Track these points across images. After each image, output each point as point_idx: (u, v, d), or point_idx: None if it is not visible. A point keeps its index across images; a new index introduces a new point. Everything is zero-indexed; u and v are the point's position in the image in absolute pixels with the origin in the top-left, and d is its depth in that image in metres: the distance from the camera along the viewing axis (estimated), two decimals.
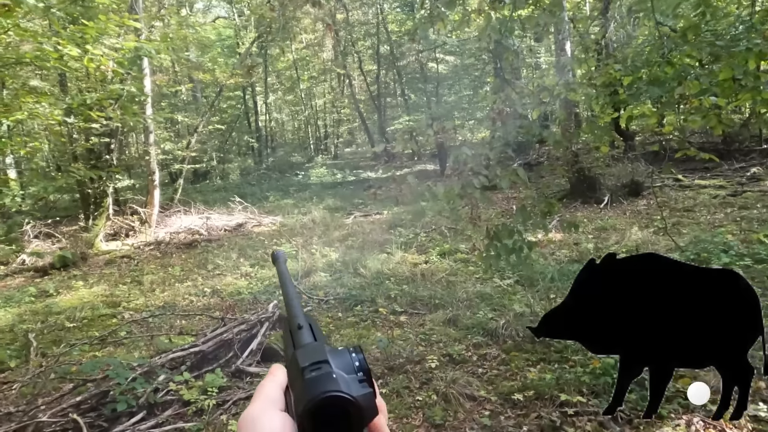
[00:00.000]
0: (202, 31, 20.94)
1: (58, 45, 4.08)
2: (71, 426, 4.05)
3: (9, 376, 5.48)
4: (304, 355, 0.55)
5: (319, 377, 0.51)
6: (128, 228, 12.26)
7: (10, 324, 6.94)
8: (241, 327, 5.30)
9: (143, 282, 8.30)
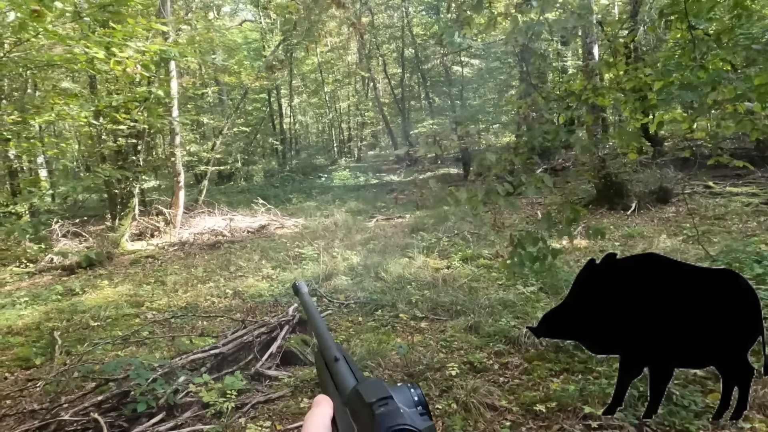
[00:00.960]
0: (229, 35, 21.16)
1: (87, 48, 4.13)
2: (92, 425, 4.08)
3: (34, 374, 5.56)
4: (367, 390, 0.58)
5: (388, 412, 0.54)
6: (153, 228, 12.43)
7: (36, 322, 7.06)
8: (261, 330, 5.29)
9: (166, 282, 8.38)
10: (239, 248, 10.55)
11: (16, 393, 5.11)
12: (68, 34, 4.52)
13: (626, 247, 7.77)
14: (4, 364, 5.79)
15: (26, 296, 8.15)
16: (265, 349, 5.15)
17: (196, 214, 13.42)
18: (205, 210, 13.55)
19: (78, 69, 5.33)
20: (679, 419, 3.59)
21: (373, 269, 7.86)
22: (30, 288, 8.96)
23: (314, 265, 8.32)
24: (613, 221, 9.69)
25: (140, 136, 11.78)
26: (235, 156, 21.29)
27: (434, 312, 6.18)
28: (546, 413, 3.92)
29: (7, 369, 5.71)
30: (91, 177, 12.90)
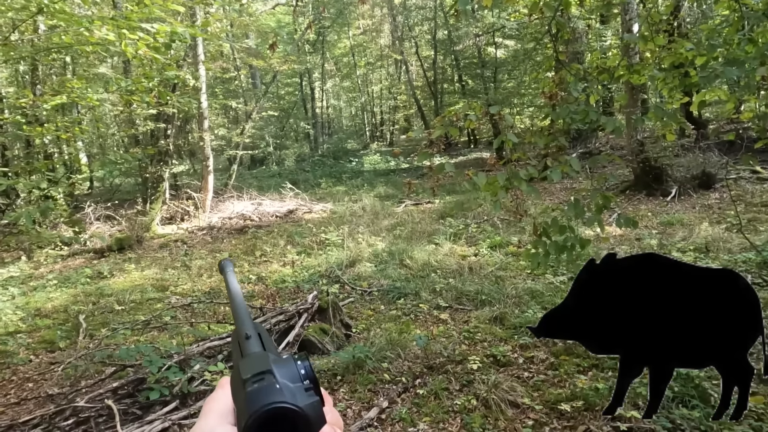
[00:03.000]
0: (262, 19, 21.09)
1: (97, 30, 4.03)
2: (106, 412, 4.05)
3: (57, 357, 5.61)
4: (246, 366, 0.53)
5: (261, 389, 0.49)
6: (183, 212, 12.52)
7: (64, 304, 7.15)
8: (279, 317, 5.20)
9: (192, 267, 8.39)
10: (266, 233, 10.51)
11: (39, 376, 5.15)
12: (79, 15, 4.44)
13: (665, 236, 7.38)
14: (30, 347, 5.87)
15: (56, 279, 8.28)
16: (282, 338, 5.05)
17: (225, 199, 13.47)
18: (234, 194, 13.59)
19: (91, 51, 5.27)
20: (718, 424, 3.33)
21: (398, 256, 7.69)
22: (62, 271, 9.12)
23: (338, 251, 8.20)
24: (651, 208, 9.25)
25: (169, 120, 11.82)
26: (267, 140, 21.32)
27: (458, 301, 5.98)
28: (571, 413, 3.70)
29: (33, 351, 5.79)
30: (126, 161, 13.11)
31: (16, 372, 5.32)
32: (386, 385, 4.40)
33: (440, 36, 22.57)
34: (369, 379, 4.44)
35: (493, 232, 8.59)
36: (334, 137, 29.10)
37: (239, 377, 0.52)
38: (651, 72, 3.77)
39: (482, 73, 18.92)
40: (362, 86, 30.20)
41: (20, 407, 4.55)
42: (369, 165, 19.56)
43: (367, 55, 30.27)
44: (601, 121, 3.66)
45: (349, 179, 17.17)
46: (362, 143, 28.62)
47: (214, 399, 0.57)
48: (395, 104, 30.75)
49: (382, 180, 16.41)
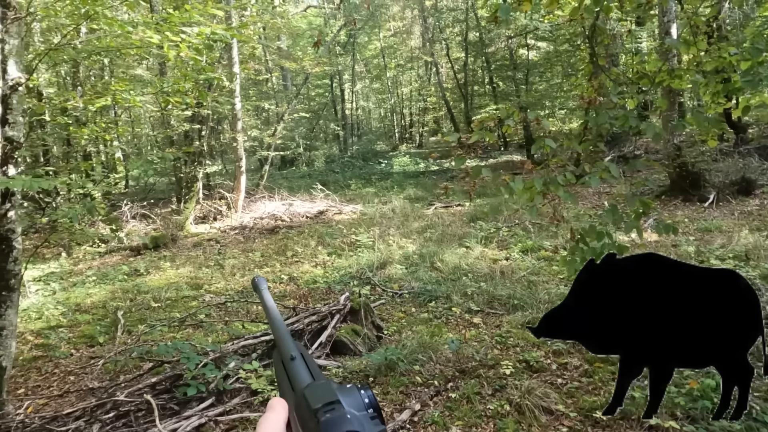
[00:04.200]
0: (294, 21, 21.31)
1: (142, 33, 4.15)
2: (145, 407, 4.16)
3: (97, 352, 5.77)
4: (314, 395, 0.55)
5: (334, 418, 0.51)
6: (216, 212, 12.74)
7: (103, 300, 7.35)
8: (312, 318, 5.25)
9: (225, 266, 8.54)
10: (297, 233, 10.62)
11: (80, 370, 5.31)
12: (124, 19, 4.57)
13: (702, 242, 7.22)
14: (71, 341, 6.05)
15: (95, 275, 8.50)
16: (315, 338, 5.10)
17: (256, 199, 13.65)
18: (265, 195, 13.76)
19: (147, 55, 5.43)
20: None
21: (428, 258, 7.69)
22: (100, 267, 9.36)
23: (369, 252, 8.23)
24: (688, 214, 9.05)
25: (204, 121, 12.04)
26: (297, 141, 21.52)
27: (490, 305, 5.95)
28: (606, 421, 3.65)
29: (74, 346, 5.97)
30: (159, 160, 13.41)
31: (58, 365, 5.49)
32: (418, 388, 4.41)
33: (471, 38, 22.48)
34: (401, 381, 4.46)
35: (524, 236, 8.51)
36: (363, 139, 29.21)
37: (308, 407, 0.54)
38: (693, 77, 3.70)
39: (514, 76, 18.77)
40: (392, 88, 30.24)
41: (63, 399, 4.70)
42: (398, 167, 19.58)
43: (398, 57, 30.30)
44: (641, 127, 3.60)
45: (378, 181, 17.22)
46: (391, 145, 28.65)
47: (268, 420, 0.59)
48: (425, 106, 30.70)
49: (412, 182, 16.41)
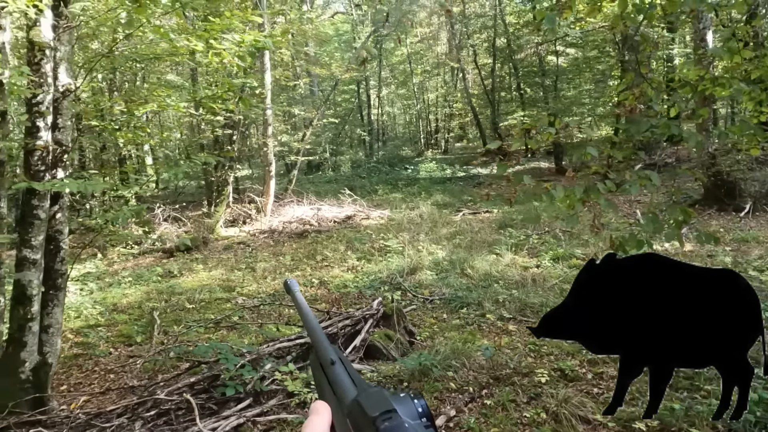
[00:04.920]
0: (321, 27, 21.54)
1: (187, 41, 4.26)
2: (185, 405, 4.25)
3: (134, 351, 5.90)
4: (370, 402, 0.56)
5: (392, 427, 0.52)
6: (245, 215, 12.91)
7: (138, 301, 7.51)
8: (346, 322, 5.30)
9: (256, 269, 8.65)
10: (326, 238, 10.70)
11: (119, 368, 5.44)
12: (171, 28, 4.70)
13: (739, 253, 7.09)
14: (109, 340, 6.20)
15: (130, 276, 8.69)
16: (349, 342, 5.15)
17: (285, 203, 13.79)
18: (294, 199, 13.90)
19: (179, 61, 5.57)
20: None
21: (458, 265, 7.69)
22: (134, 268, 9.57)
23: (399, 258, 8.27)
24: (723, 224, 8.89)
25: (235, 126, 12.23)
26: (323, 146, 21.68)
27: (522, 313, 5.93)
28: (648, 429, 3.62)
29: (112, 344, 6.12)
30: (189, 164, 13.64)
31: (98, 363, 5.63)
32: (452, 394, 4.43)
33: (499, 44, 22.42)
34: (435, 387, 4.48)
35: (555, 244, 8.46)
36: (388, 144, 29.30)
37: (365, 414, 0.55)
38: (737, 85, 3.66)
39: (542, 82, 18.66)
40: (418, 94, 30.28)
41: (104, 397, 4.83)
42: (425, 172, 19.59)
43: (424, 63, 30.35)
44: (683, 135, 3.57)
45: (405, 186, 17.25)
46: (416, 150, 28.66)
47: (313, 423, 0.60)
48: (450, 112, 30.67)
49: (439, 188, 16.40)
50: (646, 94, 3.72)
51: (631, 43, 13.81)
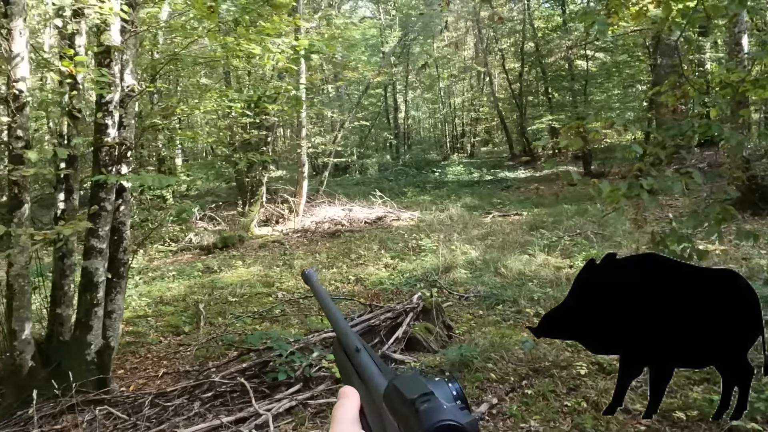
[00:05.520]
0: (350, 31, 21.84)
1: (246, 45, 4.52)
2: (239, 388, 4.49)
3: (183, 340, 6.19)
4: (407, 386, 0.58)
5: (432, 409, 0.54)
6: (278, 215, 13.21)
7: (182, 294, 7.82)
8: (387, 315, 5.49)
9: (294, 266, 8.91)
10: (358, 237, 10.93)
11: (171, 355, 5.72)
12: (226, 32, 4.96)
13: None
14: (158, 329, 6.50)
15: (174, 271, 9.02)
16: (390, 334, 5.34)
17: (316, 204, 14.07)
18: (325, 200, 14.17)
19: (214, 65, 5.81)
20: None
21: (492, 264, 7.83)
22: (174, 264, 9.91)
23: (433, 257, 8.44)
24: (758, 228, 8.86)
25: (271, 128, 12.55)
26: (350, 149, 21.96)
27: None
28: (686, 421, 3.73)
29: (161, 334, 6.41)
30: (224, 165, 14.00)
31: (150, 350, 5.93)
32: (493, 384, 4.59)
33: (527, 48, 22.49)
34: (476, 377, 4.64)
35: (587, 245, 8.55)
36: (414, 148, 29.49)
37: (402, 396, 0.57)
38: None
39: (572, 86, 18.67)
40: (444, 98, 30.44)
41: (160, 380, 5.10)
42: (453, 176, 19.74)
43: (450, 67, 30.50)
44: (725, 135, 3.70)
45: (433, 189, 17.42)
46: (442, 154, 28.79)
47: (343, 407, 0.62)
48: (477, 116, 30.74)
49: (467, 191, 16.54)
50: (688, 96, 3.86)
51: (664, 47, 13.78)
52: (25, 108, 4.05)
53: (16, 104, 3.96)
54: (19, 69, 3.98)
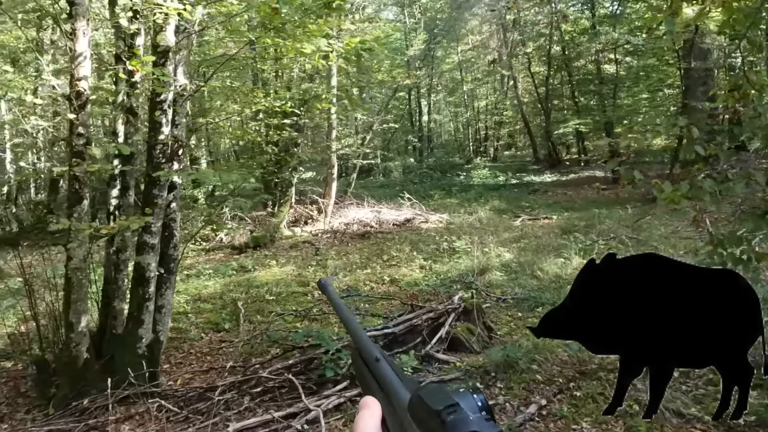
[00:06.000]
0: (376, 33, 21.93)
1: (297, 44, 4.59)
2: (287, 384, 4.54)
3: (224, 336, 6.27)
4: (432, 397, 0.58)
5: (458, 419, 0.54)
6: (307, 216, 13.30)
7: (219, 292, 7.92)
8: (430, 315, 5.50)
9: (327, 266, 8.97)
10: (389, 239, 10.95)
11: (214, 351, 5.80)
12: None
13: None
14: (199, 326, 6.59)
15: (209, 269, 9.13)
16: (432, 334, 5.35)
17: (344, 205, 14.13)
18: (353, 201, 14.23)
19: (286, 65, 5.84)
20: None
21: (527, 267, 7.80)
22: (208, 263, 10.03)
23: (466, 259, 8.44)
24: None
25: (301, 130, 12.64)
26: (374, 151, 22.05)
27: None
28: (743, 427, 3.69)
29: (202, 330, 6.50)
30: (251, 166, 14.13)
31: (193, 346, 6.01)
32: (540, 386, 4.57)
33: (553, 52, 22.36)
34: (522, 378, 4.63)
35: (623, 248, 8.46)
36: (436, 151, 29.46)
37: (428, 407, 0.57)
38: None
39: (600, 90, 18.53)
40: (468, 101, 30.39)
41: (206, 375, 5.17)
42: (478, 179, 19.69)
43: (475, 71, 30.45)
44: None
45: (459, 192, 17.40)
46: (465, 158, 28.73)
47: (365, 418, 0.62)
48: (500, 120, 30.63)
49: (494, 194, 16.49)
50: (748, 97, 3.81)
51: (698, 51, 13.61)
52: (87, 106, 4.16)
53: (79, 102, 4.06)
54: (81, 68, 4.09)
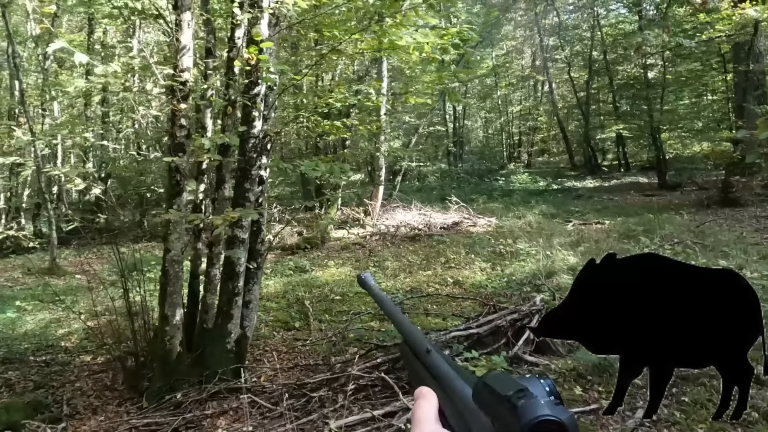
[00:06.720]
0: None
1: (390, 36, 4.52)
2: (379, 383, 4.45)
3: (296, 335, 6.22)
4: (500, 383, 0.58)
5: (530, 404, 0.53)
6: (354, 219, 13.26)
7: (281, 291, 7.90)
8: (513, 316, 5.37)
9: (386, 267, 8.89)
10: (440, 242, 10.83)
11: (290, 349, 5.75)
12: None
13: None
14: (269, 324, 6.56)
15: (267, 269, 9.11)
16: (517, 335, 5.22)
17: (389, 208, 14.07)
18: (398, 204, 14.16)
19: None
20: None
21: None
22: None
23: (530, 261, 8.28)
24: None
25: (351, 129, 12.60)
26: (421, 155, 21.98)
27: None
28: None
29: (273, 328, 6.46)
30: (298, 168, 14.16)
31: (267, 344, 5.97)
32: (641, 390, 4.40)
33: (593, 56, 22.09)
34: None
35: (691, 254, 8.23)
36: (469, 156, 29.29)
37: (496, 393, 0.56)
38: None
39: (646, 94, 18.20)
40: (502, 107, 30.18)
41: (289, 372, 5.11)
42: (518, 184, 19.50)
43: (509, 76, 30.26)
44: None
45: (500, 196, 17.22)
46: (498, 163, 28.52)
47: (422, 408, 0.62)
48: (534, 125, 30.36)
49: (538, 199, 16.27)
50: None
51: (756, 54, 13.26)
52: (189, 97, 4.14)
53: (182, 93, 4.05)
54: (185, 59, 4.08)
